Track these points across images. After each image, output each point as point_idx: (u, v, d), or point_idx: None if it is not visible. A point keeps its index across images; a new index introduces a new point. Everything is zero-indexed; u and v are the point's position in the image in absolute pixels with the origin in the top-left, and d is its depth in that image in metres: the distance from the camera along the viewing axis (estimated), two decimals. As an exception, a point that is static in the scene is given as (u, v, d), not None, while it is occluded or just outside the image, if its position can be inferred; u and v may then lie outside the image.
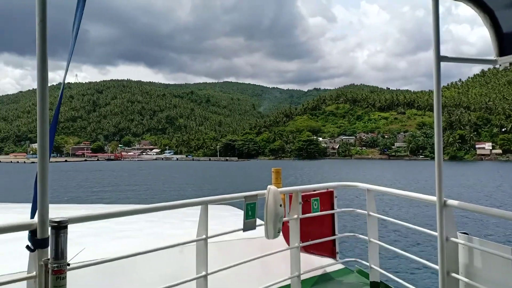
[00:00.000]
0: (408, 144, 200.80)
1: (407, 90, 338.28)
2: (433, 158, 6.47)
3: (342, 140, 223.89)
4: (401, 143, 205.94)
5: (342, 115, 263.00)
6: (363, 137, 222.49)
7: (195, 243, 3.86)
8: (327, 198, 5.40)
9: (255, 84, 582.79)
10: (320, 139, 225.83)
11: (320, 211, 5.23)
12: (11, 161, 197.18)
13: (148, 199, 43.42)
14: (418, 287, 4.43)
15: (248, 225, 4.16)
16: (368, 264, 5.27)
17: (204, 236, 3.80)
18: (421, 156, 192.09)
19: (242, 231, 4.14)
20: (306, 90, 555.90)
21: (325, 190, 5.40)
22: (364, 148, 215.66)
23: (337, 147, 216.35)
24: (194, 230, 3.88)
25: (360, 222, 22.99)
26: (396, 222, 4.98)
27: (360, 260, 5.65)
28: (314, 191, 5.26)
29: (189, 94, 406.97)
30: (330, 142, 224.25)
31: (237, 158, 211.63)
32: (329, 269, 5.60)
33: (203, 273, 3.78)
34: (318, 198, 5.25)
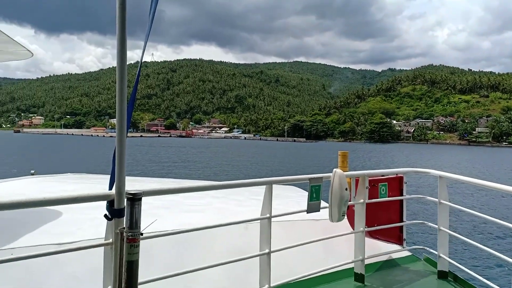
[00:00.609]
0: (490, 129, 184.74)
1: (490, 72, 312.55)
2: None
3: (418, 123, 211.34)
4: (483, 128, 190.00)
5: (419, 97, 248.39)
6: (441, 121, 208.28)
7: (259, 221, 3.94)
8: (396, 184, 5.32)
9: (326, 64, 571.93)
10: (394, 122, 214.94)
11: (388, 196, 5.17)
12: (92, 135, 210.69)
13: (215, 176, 43.41)
14: (489, 280, 4.39)
15: (312, 207, 4.19)
16: (436, 253, 5.19)
17: (268, 215, 3.87)
18: (504, 143, 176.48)
19: (305, 212, 4.18)
20: (379, 70, 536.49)
21: (394, 176, 5.31)
22: (442, 132, 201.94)
23: (412, 130, 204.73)
24: (258, 208, 3.95)
25: (429, 209, 22.14)
26: (470, 212, 4.90)
27: (428, 249, 5.59)
28: (383, 176, 5.20)
29: (258, 73, 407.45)
30: (405, 125, 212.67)
31: (305, 139, 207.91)
32: (395, 256, 5.56)
33: (266, 250, 3.86)
34: (387, 183, 5.19)
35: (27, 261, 2.63)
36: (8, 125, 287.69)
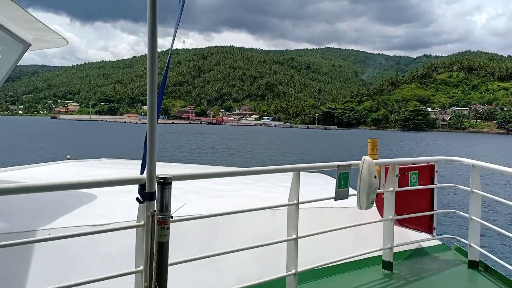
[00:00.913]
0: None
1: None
2: None
3: (454, 111, 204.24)
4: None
5: (455, 84, 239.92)
6: (479, 109, 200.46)
7: (286, 207, 3.96)
8: (427, 172, 5.28)
9: (359, 50, 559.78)
10: (429, 109, 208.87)
11: (419, 185, 5.14)
12: (125, 121, 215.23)
13: (244, 163, 43.75)
14: None
15: (340, 194, 4.20)
16: (467, 242, 5.17)
17: (295, 201, 3.89)
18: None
19: (333, 199, 4.19)
20: (414, 56, 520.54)
21: (425, 164, 5.27)
22: (479, 121, 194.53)
23: (448, 118, 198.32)
24: (286, 195, 3.98)
25: (461, 199, 21.98)
26: (503, 201, 4.84)
27: (458, 238, 5.56)
28: (413, 164, 5.17)
29: (289, 60, 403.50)
30: (440, 113, 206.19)
31: (336, 126, 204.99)
32: (425, 244, 5.53)
33: (294, 236, 3.88)
34: (417, 171, 5.15)
35: (63, 241, 2.74)
36: (45, 111, 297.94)
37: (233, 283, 3.70)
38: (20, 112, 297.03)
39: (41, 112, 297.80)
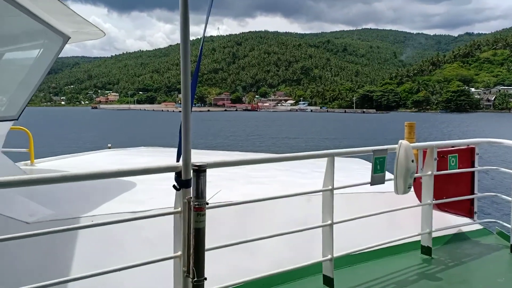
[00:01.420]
0: None
1: None
2: None
3: (500, 91, 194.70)
4: None
5: (500, 63, 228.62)
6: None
7: (321, 193, 3.96)
8: (467, 155, 5.16)
9: (397, 30, 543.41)
10: (473, 89, 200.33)
11: (458, 168, 5.03)
12: (162, 110, 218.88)
13: (279, 149, 43.27)
14: None
15: (376, 179, 4.15)
16: (510, 226, 5.08)
17: (330, 187, 3.88)
18: None
19: (369, 184, 4.15)
20: (456, 35, 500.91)
21: (465, 147, 5.16)
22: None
23: (492, 98, 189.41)
24: (322, 181, 3.97)
25: (504, 182, 21.07)
26: None
27: (501, 222, 5.43)
28: (453, 147, 5.06)
29: (325, 43, 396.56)
30: (485, 93, 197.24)
31: (375, 110, 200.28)
32: (465, 229, 5.44)
33: (329, 221, 3.88)
34: (457, 154, 5.03)
35: (105, 226, 2.86)
36: (87, 102, 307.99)
37: (268, 268, 3.72)
38: (62, 102, 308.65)
39: (83, 103, 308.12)
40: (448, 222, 5.31)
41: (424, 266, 4.56)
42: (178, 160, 2.92)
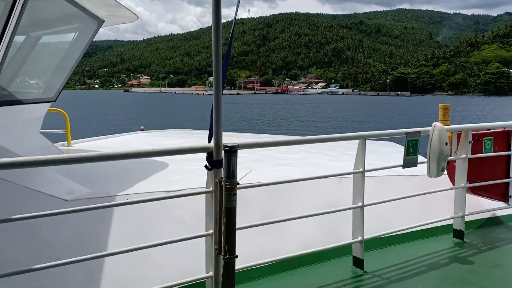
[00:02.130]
0: None
1: None
2: None
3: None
4: None
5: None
6: None
7: (352, 175, 3.95)
8: (503, 138, 5.07)
9: (433, 10, 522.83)
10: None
11: (494, 151, 4.97)
12: (192, 93, 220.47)
13: (309, 133, 42.40)
14: None
15: (409, 162, 4.08)
16: None
17: (361, 169, 3.87)
18: None
19: (401, 167, 4.11)
20: (494, 14, 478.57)
21: (501, 130, 5.07)
22: None
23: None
24: (352, 163, 3.97)
25: None
26: None
27: None
28: (488, 130, 4.99)
29: (357, 24, 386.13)
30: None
31: (409, 93, 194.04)
32: (499, 213, 5.36)
33: (360, 203, 3.87)
34: (492, 137, 4.94)
35: (140, 205, 2.98)
36: (119, 85, 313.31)
37: (298, 249, 3.77)
38: (96, 86, 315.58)
39: (115, 86, 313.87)
40: (481, 206, 5.20)
41: (456, 249, 4.50)
42: (209, 141, 2.96)
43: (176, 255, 3.56)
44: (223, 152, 2.81)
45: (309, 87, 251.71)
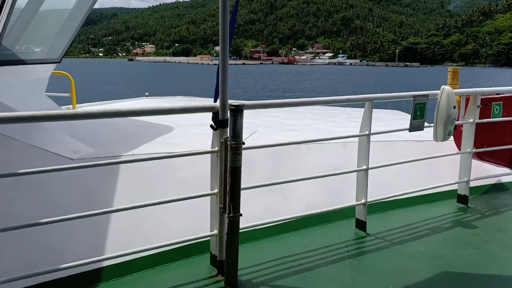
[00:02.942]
0: None
1: None
2: None
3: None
4: None
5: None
6: None
7: (357, 139, 3.93)
8: None
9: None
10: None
11: (502, 116, 4.87)
12: (197, 63, 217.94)
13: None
14: None
15: (415, 125, 4.03)
16: None
17: (366, 132, 3.83)
18: None
19: (407, 131, 4.07)
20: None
21: (511, 94, 4.95)
22: None
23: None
24: (357, 129, 3.94)
25: None
26: None
27: None
28: (498, 94, 4.88)
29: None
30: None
31: (418, 63, 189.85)
32: (505, 179, 5.33)
33: (364, 166, 3.85)
34: (501, 102, 4.83)
35: (145, 164, 3.01)
36: (124, 53, 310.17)
37: (301, 210, 3.83)
38: (100, 54, 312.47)
39: (120, 54, 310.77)
40: (487, 172, 5.15)
41: (460, 214, 4.49)
42: (215, 101, 2.99)
43: (181, 214, 3.58)
44: (229, 111, 2.79)
45: (316, 58, 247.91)
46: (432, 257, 3.55)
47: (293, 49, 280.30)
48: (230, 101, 2.83)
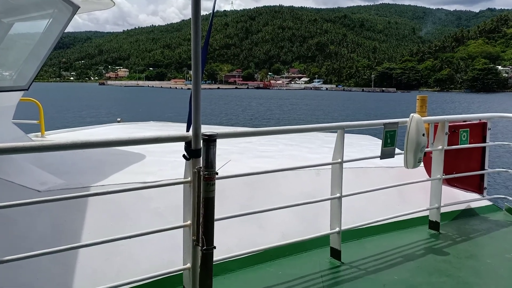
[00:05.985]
0: None
1: None
2: None
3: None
4: None
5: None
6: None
7: (330, 167, 3.95)
8: (479, 130, 5.13)
9: (416, 6, 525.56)
10: (499, 67, 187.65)
11: (470, 143, 5.01)
12: (170, 87, 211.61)
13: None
14: None
15: (386, 153, 4.11)
16: None
17: (339, 160, 3.85)
18: None
19: (379, 158, 4.12)
20: (477, 10, 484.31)
21: (477, 122, 5.11)
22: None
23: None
24: (330, 155, 3.96)
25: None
26: None
27: (510, 198, 5.47)
28: (464, 121, 5.02)
29: (341, 18, 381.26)
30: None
31: (395, 89, 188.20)
32: (474, 205, 5.42)
33: (338, 194, 3.86)
34: (468, 129, 4.99)
35: (115, 196, 2.93)
36: (96, 77, 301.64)
37: (276, 240, 3.81)
38: (71, 78, 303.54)
39: (92, 78, 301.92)
40: (457, 198, 5.22)
41: (432, 240, 4.54)
42: (188, 130, 2.97)
43: (152, 247, 3.50)
44: (201, 141, 2.74)
45: (292, 82, 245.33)
46: (406, 286, 3.55)
47: (269, 73, 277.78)
48: (203, 131, 2.77)
